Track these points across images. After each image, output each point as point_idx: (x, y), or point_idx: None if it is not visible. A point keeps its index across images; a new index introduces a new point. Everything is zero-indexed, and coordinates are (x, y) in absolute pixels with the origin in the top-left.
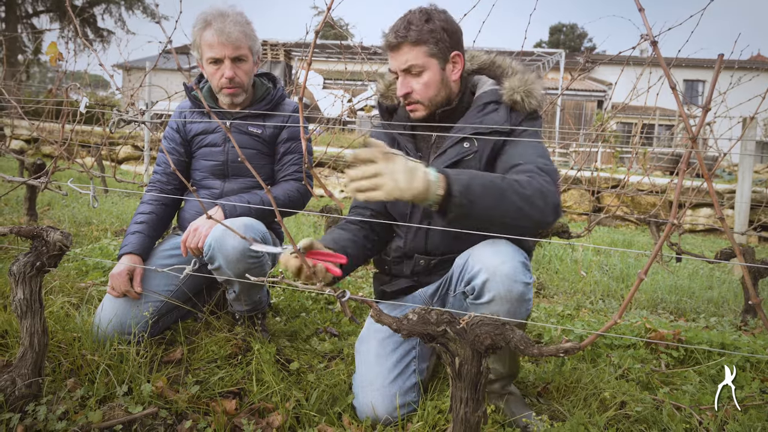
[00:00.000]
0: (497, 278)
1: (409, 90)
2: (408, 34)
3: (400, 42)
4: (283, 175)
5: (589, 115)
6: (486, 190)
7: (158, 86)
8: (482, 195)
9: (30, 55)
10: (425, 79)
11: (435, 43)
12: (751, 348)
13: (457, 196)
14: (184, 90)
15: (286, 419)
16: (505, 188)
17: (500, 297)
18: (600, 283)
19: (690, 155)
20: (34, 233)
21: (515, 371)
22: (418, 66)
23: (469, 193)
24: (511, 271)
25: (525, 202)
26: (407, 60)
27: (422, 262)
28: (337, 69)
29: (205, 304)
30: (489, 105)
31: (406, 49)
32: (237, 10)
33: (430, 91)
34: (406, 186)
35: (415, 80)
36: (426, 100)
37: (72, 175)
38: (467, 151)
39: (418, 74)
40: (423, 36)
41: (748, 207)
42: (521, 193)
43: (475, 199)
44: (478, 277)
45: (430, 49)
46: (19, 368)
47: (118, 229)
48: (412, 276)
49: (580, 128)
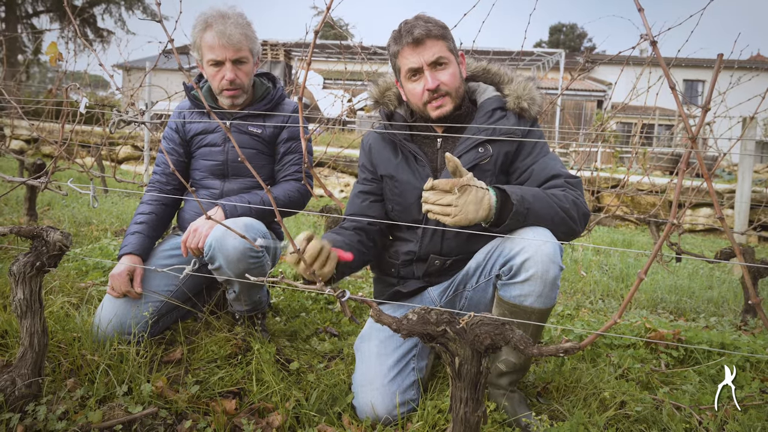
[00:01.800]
0: (538, 257)
1: (438, 82)
2: (430, 29)
3: (424, 37)
4: (283, 175)
5: (589, 115)
6: (536, 200)
7: (158, 86)
8: (533, 203)
9: (30, 55)
10: (452, 71)
11: (451, 41)
12: (751, 348)
13: (516, 205)
14: (183, 90)
15: (286, 419)
16: (548, 199)
17: (538, 276)
18: (600, 282)
19: (690, 155)
20: (34, 233)
21: (528, 364)
22: (445, 58)
23: (525, 202)
24: (552, 251)
25: (565, 212)
26: (434, 53)
27: (437, 262)
28: (336, 69)
29: (205, 304)
30: (496, 111)
31: (431, 43)
32: (237, 11)
33: (456, 83)
34: (474, 216)
35: (442, 72)
36: (453, 91)
37: (72, 175)
38: (482, 156)
39: (444, 66)
40: (444, 33)
41: (747, 207)
42: (561, 205)
43: (530, 207)
44: (519, 255)
45: (449, 44)
46: (19, 368)
47: (118, 229)
48: (423, 277)
49: (580, 128)
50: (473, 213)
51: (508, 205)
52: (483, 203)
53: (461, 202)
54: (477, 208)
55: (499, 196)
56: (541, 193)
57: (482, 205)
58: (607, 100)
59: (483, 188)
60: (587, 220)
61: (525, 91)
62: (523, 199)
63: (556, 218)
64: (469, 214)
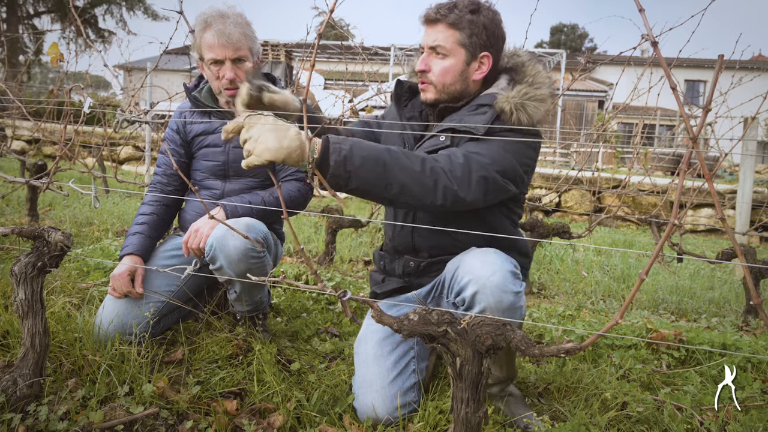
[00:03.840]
0: (487, 290)
1: (426, 68)
2: (449, 15)
3: (438, 19)
4: (284, 175)
5: (590, 115)
6: (366, 162)
7: (159, 87)
8: (361, 166)
9: (31, 55)
10: (446, 64)
11: (470, 35)
12: (753, 348)
13: (333, 166)
14: (184, 90)
15: (287, 419)
16: (389, 163)
17: (491, 308)
18: (601, 283)
19: (691, 155)
20: (36, 234)
21: (513, 375)
22: (444, 48)
23: (347, 165)
24: (501, 281)
25: (410, 179)
26: (436, 39)
27: (412, 263)
28: (338, 69)
29: (206, 305)
30: (482, 107)
31: (440, 28)
32: (236, 10)
33: (446, 78)
34: (277, 145)
35: (436, 60)
36: (439, 84)
37: (73, 175)
38: (441, 144)
39: (442, 57)
40: (462, 23)
41: (749, 207)
42: (409, 170)
43: (353, 170)
44: (467, 289)
45: (463, 38)
46: (21, 368)
47: (120, 230)
48: (403, 276)
49: (581, 128)
50: (274, 141)
51: (329, 165)
52: (288, 134)
53: (255, 133)
54: (279, 136)
55: (321, 146)
56: (384, 156)
57: (286, 135)
58: (609, 100)
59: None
60: (451, 196)
61: (519, 95)
62: (346, 162)
63: (393, 187)
64: (269, 142)
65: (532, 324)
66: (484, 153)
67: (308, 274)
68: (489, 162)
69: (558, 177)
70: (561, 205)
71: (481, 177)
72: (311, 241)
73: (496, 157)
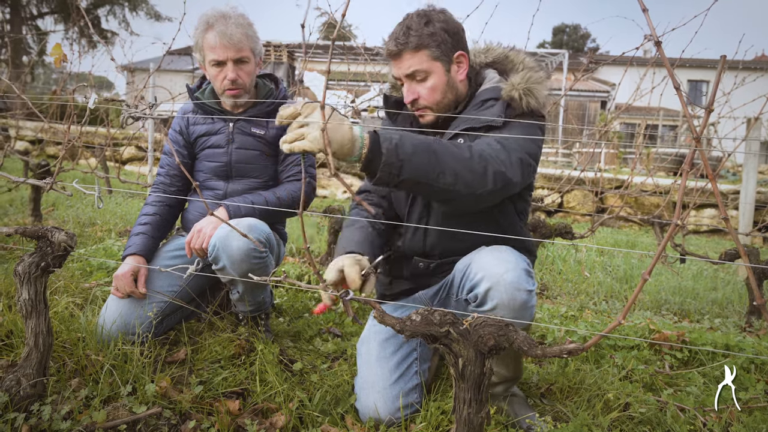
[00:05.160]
0: (500, 287)
1: (416, 96)
2: (408, 41)
3: (401, 49)
4: (286, 176)
5: (593, 115)
6: (418, 149)
7: (162, 87)
8: (414, 153)
9: (35, 56)
10: (430, 84)
11: (437, 46)
12: (756, 349)
13: (386, 154)
14: (187, 91)
15: (290, 419)
16: (439, 150)
17: (503, 305)
18: (603, 284)
19: (694, 155)
20: (39, 234)
21: (519, 374)
22: (421, 71)
23: (400, 152)
24: (515, 279)
25: (461, 166)
26: (410, 66)
27: (421, 265)
28: (339, 70)
29: (209, 305)
30: (488, 102)
31: (407, 56)
32: (238, 11)
33: (437, 95)
34: (331, 136)
35: (420, 86)
36: (434, 104)
37: (77, 175)
38: None
39: (423, 79)
40: (423, 40)
41: (752, 208)
42: (458, 156)
43: (406, 158)
44: (480, 285)
45: (432, 52)
46: (24, 368)
47: (122, 230)
48: (411, 278)
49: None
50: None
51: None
52: (341, 127)
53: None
54: (333, 127)
55: (370, 139)
56: (433, 145)
57: (340, 127)
58: (611, 100)
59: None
60: (502, 180)
61: (522, 81)
62: (398, 149)
63: (447, 175)
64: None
65: (534, 324)
66: (510, 139)
67: (311, 274)
68: (518, 146)
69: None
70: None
71: (518, 159)
72: (313, 242)
73: (520, 141)
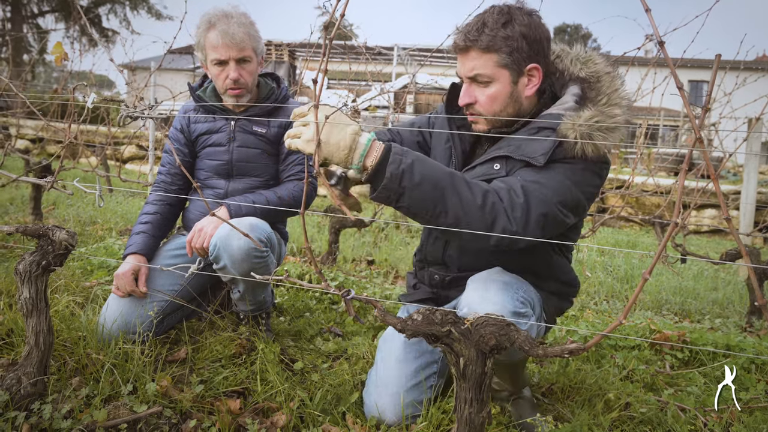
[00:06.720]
0: None
1: (472, 100)
2: (479, 38)
3: (469, 46)
4: (287, 175)
5: None
6: (425, 182)
7: (163, 86)
8: (419, 185)
9: (35, 54)
10: (491, 92)
11: (509, 53)
12: (757, 350)
13: (388, 178)
14: (188, 90)
15: (290, 419)
16: (448, 189)
17: None
18: (604, 283)
19: (691, 154)
20: (40, 232)
21: (520, 387)
22: (485, 76)
23: (404, 180)
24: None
25: (467, 211)
26: (473, 68)
27: (437, 276)
28: (340, 69)
29: (210, 304)
30: (543, 131)
31: (474, 55)
32: (240, 10)
33: (495, 106)
34: (325, 138)
35: (480, 90)
36: (489, 113)
37: (77, 174)
38: (495, 173)
39: (485, 85)
40: (496, 43)
41: (753, 208)
42: (467, 200)
43: (408, 187)
44: None
45: (502, 58)
46: (25, 367)
47: (123, 229)
48: (432, 287)
49: None
50: (325, 134)
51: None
52: (343, 131)
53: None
54: (333, 131)
55: (381, 155)
56: (444, 181)
57: (341, 131)
58: None
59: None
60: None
61: (588, 123)
62: (403, 176)
63: (447, 216)
64: (320, 133)
65: (534, 325)
66: (544, 182)
67: (312, 273)
68: (550, 193)
69: None
70: None
71: (541, 214)
72: (314, 241)
73: (557, 187)
